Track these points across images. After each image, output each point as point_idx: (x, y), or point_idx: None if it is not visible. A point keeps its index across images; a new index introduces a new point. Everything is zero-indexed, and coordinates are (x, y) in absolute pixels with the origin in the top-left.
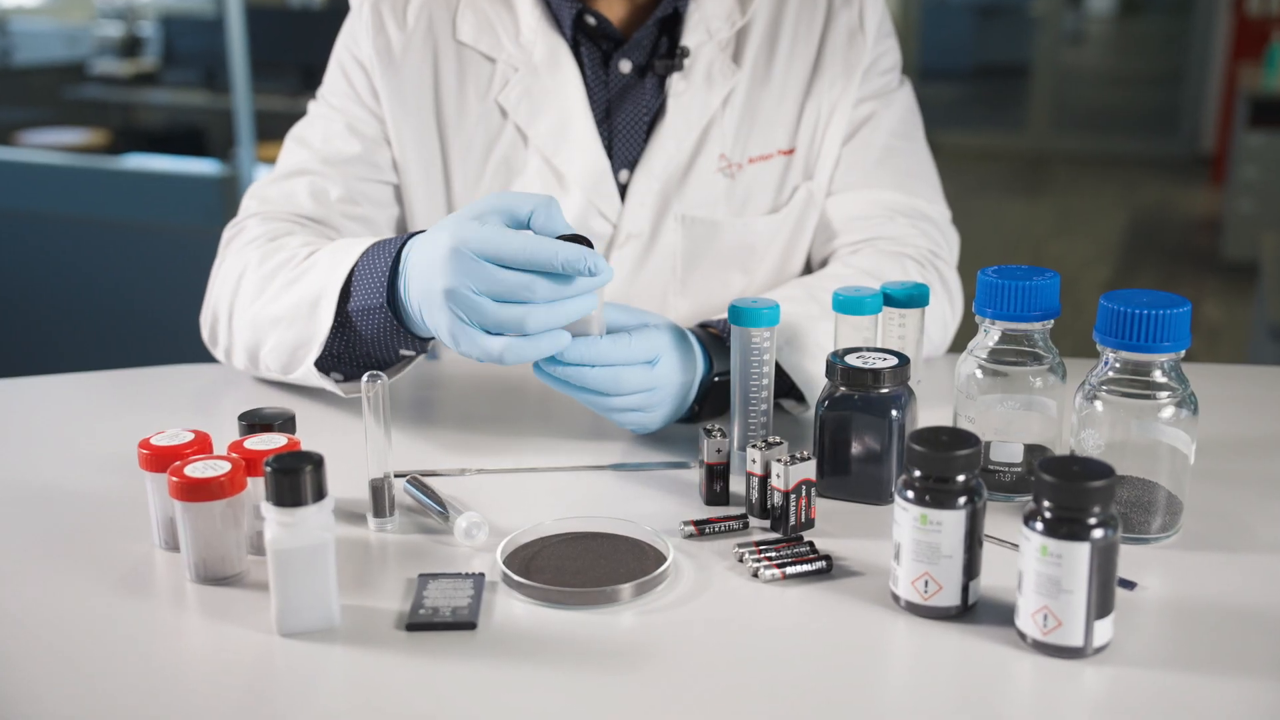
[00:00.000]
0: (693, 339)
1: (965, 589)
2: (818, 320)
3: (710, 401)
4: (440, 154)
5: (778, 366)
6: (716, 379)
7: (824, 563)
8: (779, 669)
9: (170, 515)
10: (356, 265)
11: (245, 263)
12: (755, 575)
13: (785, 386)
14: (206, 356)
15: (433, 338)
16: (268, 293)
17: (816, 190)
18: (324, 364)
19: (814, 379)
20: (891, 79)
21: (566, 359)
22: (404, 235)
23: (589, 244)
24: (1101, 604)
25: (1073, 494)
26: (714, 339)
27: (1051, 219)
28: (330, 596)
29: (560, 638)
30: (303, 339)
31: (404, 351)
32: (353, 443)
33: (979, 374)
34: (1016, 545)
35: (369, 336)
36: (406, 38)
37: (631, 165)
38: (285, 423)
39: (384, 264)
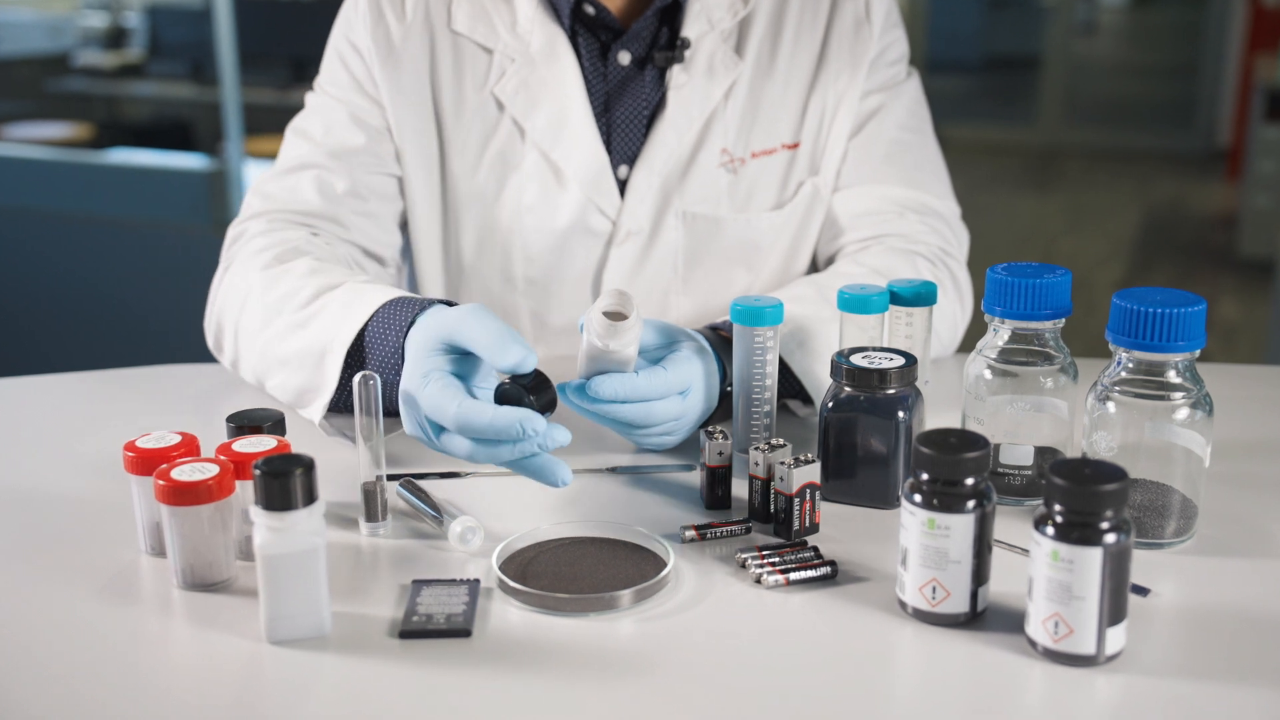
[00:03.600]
0: (712, 354)
1: (974, 595)
2: (829, 323)
3: (720, 407)
4: (438, 148)
5: (787, 368)
6: (729, 389)
7: (829, 568)
8: (782, 677)
9: (156, 519)
10: (368, 334)
11: (249, 286)
12: (758, 581)
13: (793, 388)
14: (194, 356)
15: None
16: (273, 328)
17: (822, 186)
18: (336, 405)
19: (825, 385)
20: (899, 71)
21: (601, 396)
22: (408, 318)
23: (545, 382)
24: (1114, 611)
25: (1084, 498)
26: (726, 344)
27: (1063, 215)
28: (321, 603)
29: (557, 645)
30: (309, 385)
31: None
32: (344, 445)
33: (988, 374)
34: (1026, 550)
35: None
36: (405, 29)
37: (631, 160)
38: (275, 424)
39: (397, 337)
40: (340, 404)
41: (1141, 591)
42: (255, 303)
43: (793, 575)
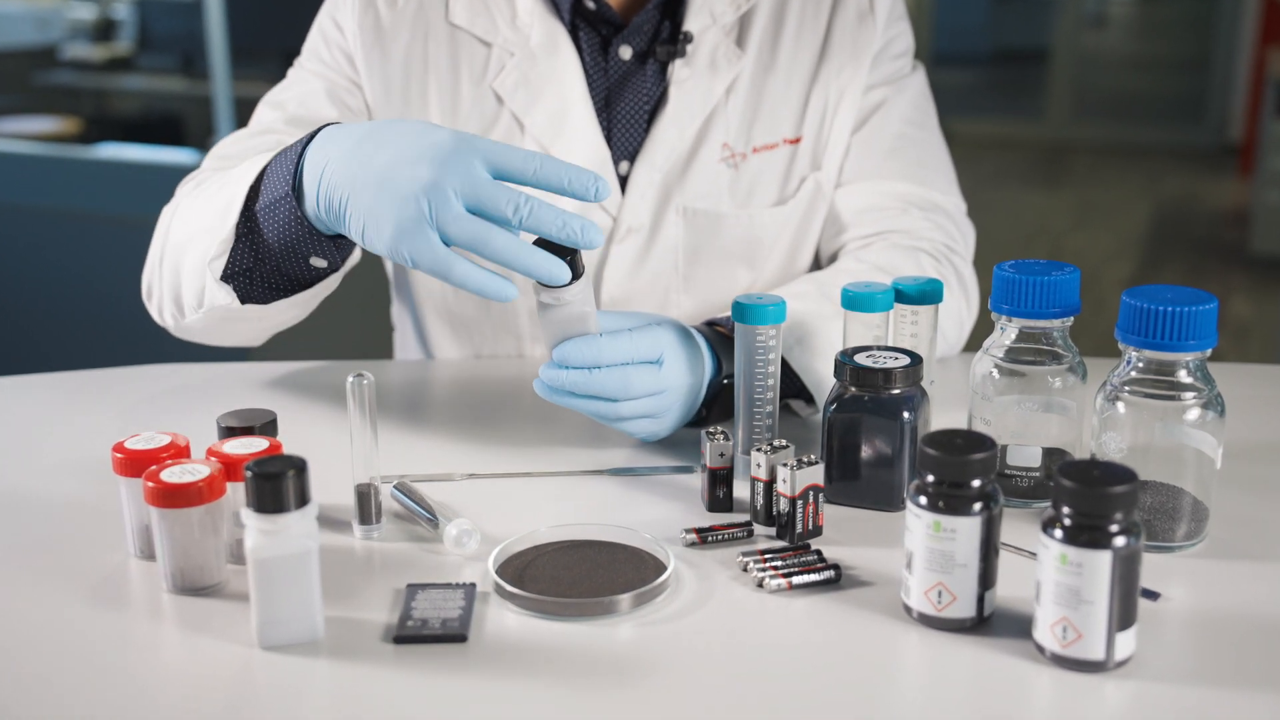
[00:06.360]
0: (699, 337)
1: (980, 600)
2: (830, 319)
3: (719, 405)
4: None
5: (787, 366)
6: (726, 381)
7: (832, 572)
8: (785, 683)
9: (146, 522)
10: (270, 162)
11: (179, 199)
12: (760, 585)
13: (795, 387)
14: (183, 355)
15: (346, 246)
16: (191, 212)
17: (825, 181)
18: (233, 282)
19: (826, 382)
20: (903, 64)
21: (568, 362)
22: (314, 132)
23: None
24: (1123, 615)
25: (1093, 500)
26: (721, 338)
27: (1071, 211)
28: (314, 607)
29: (555, 651)
30: (213, 251)
31: (315, 261)
32: (337, 446)
33: (995, 374)
34: (1034, 554)
35: (275, 240)
36: (396, 18)
37: (631, 156)
38: (266, 425)
39: (294, 151)
40: (245, 273)
41: (1151, 596)
42: (182, 205)
43: (795, 579)
